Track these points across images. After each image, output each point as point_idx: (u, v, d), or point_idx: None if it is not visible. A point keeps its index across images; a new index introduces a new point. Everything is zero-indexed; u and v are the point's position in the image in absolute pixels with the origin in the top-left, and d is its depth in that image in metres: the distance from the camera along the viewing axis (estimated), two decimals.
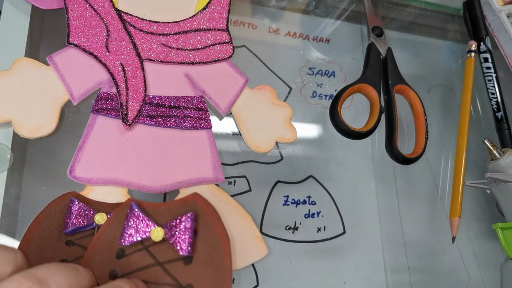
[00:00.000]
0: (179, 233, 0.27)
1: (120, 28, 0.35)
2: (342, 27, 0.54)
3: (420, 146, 0.43)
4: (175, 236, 0.27)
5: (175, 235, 0.27)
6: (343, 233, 0.45)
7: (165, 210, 0.28)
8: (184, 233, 0.27)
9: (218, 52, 0.38)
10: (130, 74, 0.34)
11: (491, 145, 0.47)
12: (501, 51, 0.55)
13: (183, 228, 0.27)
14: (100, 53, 0.34)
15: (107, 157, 0.33)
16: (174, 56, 0.36)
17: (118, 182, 0.32)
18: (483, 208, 0.52)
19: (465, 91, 0.50)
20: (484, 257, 0.50)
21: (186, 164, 0.34)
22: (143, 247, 0.27)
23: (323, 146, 0.48)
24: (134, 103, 0.34)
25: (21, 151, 0.36)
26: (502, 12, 0.54)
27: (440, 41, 0.60)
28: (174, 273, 0.27)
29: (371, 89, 0.43)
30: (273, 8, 0.51)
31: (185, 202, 0.29)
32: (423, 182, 0.51)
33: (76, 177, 0.32)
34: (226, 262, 0.27)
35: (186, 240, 0.27)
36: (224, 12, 0.39)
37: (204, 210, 0.28)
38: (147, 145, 0.34)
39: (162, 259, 0.27)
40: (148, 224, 0.27)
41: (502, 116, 0.51)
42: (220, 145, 0.43)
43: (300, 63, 0.50)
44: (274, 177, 0.44)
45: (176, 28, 0.37)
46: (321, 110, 0.49)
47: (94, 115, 0.34)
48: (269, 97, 0.39)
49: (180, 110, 0.35)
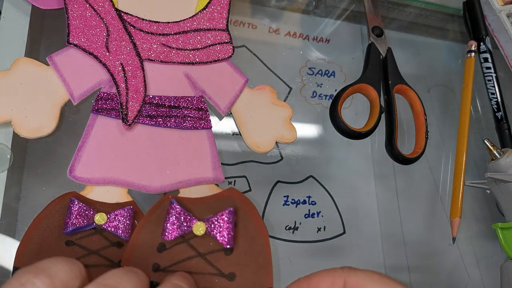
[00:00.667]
0: (221, 227, 0.28)
1: (120, 28, 0.35)
2: (342, 27, 0.54)
3: (420, 146, 0.43)
4: (217, 230, 0.28)
5: (217, 229, 0.28)
6: (343, 233, 0.45)
7: (203, 205, 0.30)
8: (227, 227, 0.28)
9: (218, 52, 0.38)
10: (130, 74, 0.34)
11: (491, 145, 0.47)
12: (501, 51, 0.55)
13: (225, 223, 0.28)
14: (100, 53, 0.34)
15: (107, 157, 0.33)
16: (174, 56, 0.36)
17: (118, 182, 0.32)
18: (483, 208, 0.52)
19: (465, 91, 0.50)
20: (484, 257, 0.50)
21: (186, 164, 0.34)
22: (183, 240, 0.28)
23: (323, 146, 0.48)
24: (134, 103, 0.34)
25: (21, 151, 0.36)
26: (502, 12, 0.54)
27: (440, 41, 0.60)
28: (216, 263, 0.28)
29: (371, 89, 0.43)
30: (273, 8, 0.51)
31: (222, 197, 0.30)
32: (423, 182, 0.51)
33: (76, 177, 0.32)
34: (266, 251, 0.28)
35: (229, 234, 0.28)
36: (224, 12, 0.39)
37: (242, 204, 0.30)
38: (147, 145, 0.34)
39: (203, 250, 0.28)
40: (190, 219, 0.28)
41: (502, 116, 0.51)
42: (220, 145, 0.42)
43: (300, 63, 0.50)
44: (274, 177, 0.44)
45: (176, 28, 0.37)
46: (321, 110, 0.49)
47: (94, 115, 0.34)
48: (269, 97, 0.39)
49: (180, 110, 0.35)
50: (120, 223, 0.30)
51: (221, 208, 0.29)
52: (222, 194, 0.31)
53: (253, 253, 0.28)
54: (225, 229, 0.28)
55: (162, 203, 0.30)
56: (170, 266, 0.28)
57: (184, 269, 0.28)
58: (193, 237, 0.29)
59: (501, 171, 0.46)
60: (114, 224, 0.30)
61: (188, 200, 0.30)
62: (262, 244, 0.28)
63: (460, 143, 0.48)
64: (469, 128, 0.48)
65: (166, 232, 0.28)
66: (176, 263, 0.28)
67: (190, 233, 0.28)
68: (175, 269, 0.28)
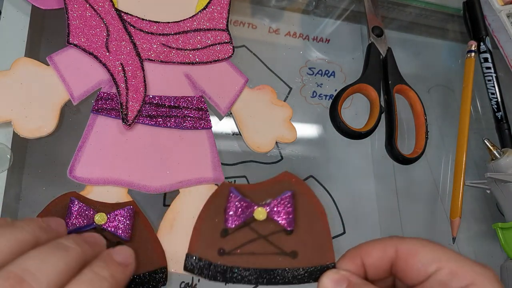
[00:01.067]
0: (281, 211, 0.29)
1: (120, 28, 0.35)
2: (342, 27, 0.54)
3: (420, 146, 0.43)
4: (277, 214, 0.29)
5: (277, 214, 0.29)
6: (343, 233, 0.45)
7: (261, 190, 0.30)
8: (286, 211, 0.29)
9: (218, 52, 0.38)
10: (130, 74, 0.34)
11: (491, 145, 0.47)
12: (501, 51, 0.55)
13: (284, 207, 0.29)
14: (100, 53, 0.34)
15: (107, 157, 0.33)
16: (174, 56, 0.36)
17: (118, 182, 0.32)
18: (483, 208, 0.52)
19: (465, 91, 0.50)
20: (484, 257, 0.50)
21: (186, 164, 0.34)
22: (245, 224, 0.29)
23: (323, 146, 0.48)
24: (134, 103, 0.34)
25: (21, 151, 0.36)
26: (502, 12, 0.54)
27: (440, 41, 0.60)
28: (278, 243, 0.29)
29: (371, 89, 0.43)
30: (273, 8, 0.51)
31: (279, 181, 0.31)
32: (423, 182, 0.51)
33: (76, 177, 0.32)
34: (326, 230, 0.30)
35: (288, 216, 0.29)
36: (224, 12, 0.39)
37: (299, 187, 0.30)
38: (147, 145, 0.34)
39: (264, 232, 0.29)
40: (250, 205, 0.29)
41: (502, 116, 0.51)
42: (220, 145, 0.42)
43: (300, 63, 0.50)
44: None
45: (176, 28, 0.37)
46: (321, 110, 0.49)
47: (94, 115, 0.34)
48: (269, 97, 0.39)
49: (180, 110, 0.35)
50: (120, 223, 0.30)
51: (279, 192, 0.30)
52: (278, 178, 0.31)
53: (313, 232, 0.29)
54: (285, 213, 0.29)
55: (221, 191, 0.30)
56: (234, 250, 0.29)
57: (248, 251, 0.29)
58: (254, 220, 0.30)
59: (501, 171, 0.46)
60: (114, 224, 0.30)
61: (245, 186, 0.31)
62: (321, 223, 0.30)
63: (460, 143, 0.47)
64: (469, 128, 0.48)
65: (229, 221, 0.29)
66: (240, 246, 0.29)
67: (251, 217, 0.29)
68: (239, 252, 0.29)
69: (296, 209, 0.30)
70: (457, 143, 0.48)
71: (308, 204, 0.30)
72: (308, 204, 0.30)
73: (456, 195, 0.45)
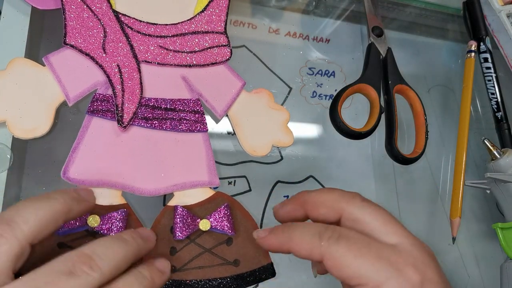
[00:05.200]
0: (222, 220, 0.32)
1: (117, 30, 0.34)
2: (342, 27, 0.53)
3: (420, 146, 0.42)
4: (219, 222, 0.32)
5: (219, 222, 0.32)
6: None
7: (200, 207, 0.33)
8: (227, 219, 0.32)
9: (216, 55, 0.36)
10: (127, 76, 0.33)
11: (491, 145, 0.46)
12: (501, 51, 0.54)
13: (224, 215, 0.32)
14: (97, 54, 0.33)
15: (101, 159, 0.32)
16: (171, 59, 0.35)
17: (112, 184, 0.31)
18: (483, 208, 0.52)
19: (465, 91, 0.50)
20: (484, 257, 0.49)
21: (181, 167, 0.33)
22: (190, 241, 0.32)
23: (323, 146, 0.47)
24: (130, 105, 0.32)
25: (21, 151, 0.35)
26: (502, 12, 0.53)
27: (440, 41, 0.59)
28: (222, 254, 0.32)
29: (371, 89, 0.42)
30: (273, 8, 0.50)
31: (214, 199, 0.33)
32: (423, 182, 0.50)
33: (69, 178, 0.30)
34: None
35: (229, 223, 0.32)
36: (222, 15, 0.38)
37: (231, 202, 0.33)
38: (142, 147, 0.33)
39: (208, 245, 0.32)
40: (195, 218, 0.32)
41: (502, 116, 0.50)
42: (220, 145, 0.43)
43: (300, 63, 0.49)
44: (274, 177, 0.44)
45: (174, 30, 0.36)
46: (321, 110, 0.48)
47: (89, 117, 0.32)
48: (266, 101, 0.38)
49: (176, 112, 0.34)
50: (113, 225, 0.29)
51: (216, 207, 0.33)
52: (212, 197, 0.33)
53: (249, 241, 0.32)
54: (225, 221, 0.32)
55: (165, 213, 0.32)
56: (184, 265, 0.31)
57: (196, 265, 0.31)
58: (197, 237, 0.32)
59: (501, 171, 0.45)
60: (107, 227, 0.29)
61: (186, 207, 0.32)
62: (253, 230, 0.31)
63: (460, 143, 0.47)
64: (469, 128, 0.47)
65: (177, 233, 0.31)
66: (188, 261, 0.31)
67: (195, 233, 0.32)
68: (188, 267, 0.31)
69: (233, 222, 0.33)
70: (457, 143, 0.47)
71: (241, 217, 0.33)
72: (242, 217, 0.33)
73: (456, 195, 0.45)
